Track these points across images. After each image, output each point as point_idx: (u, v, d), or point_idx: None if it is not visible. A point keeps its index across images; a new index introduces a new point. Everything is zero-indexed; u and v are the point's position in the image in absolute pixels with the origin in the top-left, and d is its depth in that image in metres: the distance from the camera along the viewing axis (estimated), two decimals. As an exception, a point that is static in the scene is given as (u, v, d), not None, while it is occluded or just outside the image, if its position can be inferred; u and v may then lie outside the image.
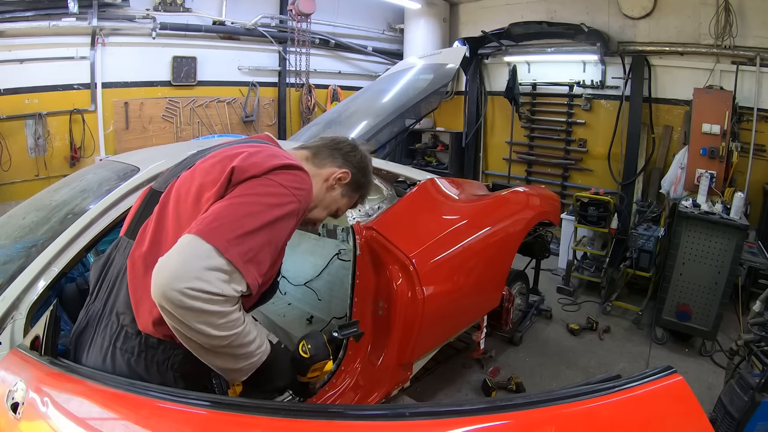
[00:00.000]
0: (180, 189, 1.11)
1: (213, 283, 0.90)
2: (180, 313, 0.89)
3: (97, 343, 1.10)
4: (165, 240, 1.06)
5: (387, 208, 2.28)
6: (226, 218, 0.95)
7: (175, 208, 1.08)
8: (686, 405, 0.87)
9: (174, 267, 0.89)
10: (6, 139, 4.25)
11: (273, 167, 1.05)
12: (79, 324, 1.16)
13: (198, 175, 1.09)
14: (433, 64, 3.55)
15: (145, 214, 1.16)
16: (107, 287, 1.14)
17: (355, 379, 2.10)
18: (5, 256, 1.56)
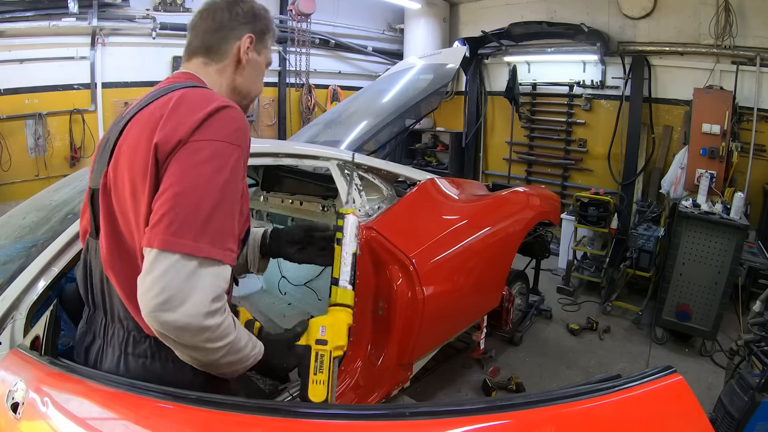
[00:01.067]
0: (114, 181, 0.98)
1: (199, 297, 0.84)
2: (181, 338, 0.86)
3: (108, 354, 1.04)
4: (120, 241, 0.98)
5: (387, 208, 2.28)
6: (180, 213, 0.85)
7: (116, 203, 0.98)
8: (686, 405, 0.87)
9: (157, 292, 0.83)
10: (6, 139, 4.25)
11: (195, 125, 0.91)
12: (85, 338, 1.09)
13: (125, 163, 0.96)
14: (433, 64, 3.55)
15: (94, 211, 1.06)
16: (99, 295, 1.06)
17: (355, 379, 2.10)
18: (5, 256, 1.56)
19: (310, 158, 2.23)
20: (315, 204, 2.68)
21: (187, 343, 0.87)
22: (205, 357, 0.91)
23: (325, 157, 2.25)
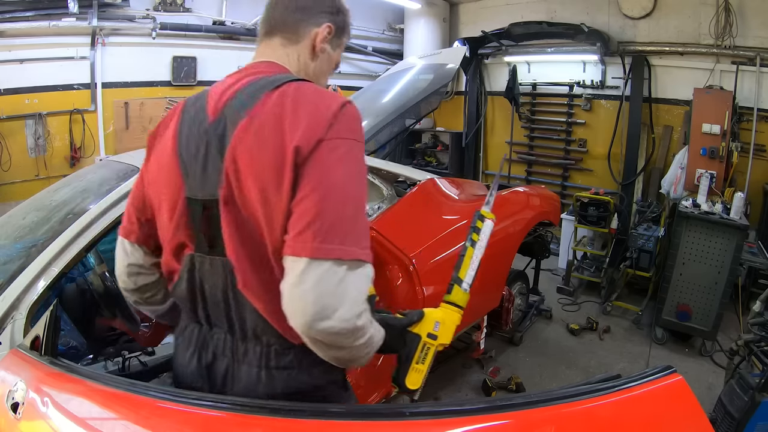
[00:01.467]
0: (238, 191, 0.89)
1: (351, 300, 0.81)
2: (335, 341, 0.83)
3: (242, 372, 0.96)
4: (257, 256, 0.90)
5: (387, 208, 2.28)
6: (326, 219, 0.81)
7: (246, 214, 0.89)
8: (686, 405, 0.87)
9: (313, 302, 0.79)
10: (6, 139, 4.25)
11: (328, 124, 0.85)
12: (200, 358, 1.00)
13: (247, 170, 0.87)
14: (433, 64, 3.55)
15: (200, 225, 0.95)
16: (221, 313, 0.97)
17: (354, 379, 2.10)
18: (5, 256, 1.56)
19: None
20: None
21: (341, 345, 0.84)
22: (350, 354, 0.87)
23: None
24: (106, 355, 2.24)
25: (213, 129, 0.94)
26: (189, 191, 0.96)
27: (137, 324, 2.10)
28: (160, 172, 1.01)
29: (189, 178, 0.96)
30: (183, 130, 0.99)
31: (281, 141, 0.85)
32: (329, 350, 0.85)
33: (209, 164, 0.93)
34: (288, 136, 0.85)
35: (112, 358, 2.22)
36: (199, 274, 0.97)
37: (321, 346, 0.84)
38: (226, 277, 0.93)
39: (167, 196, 0.99)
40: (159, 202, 1.02)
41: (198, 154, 0.95)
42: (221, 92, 0.99)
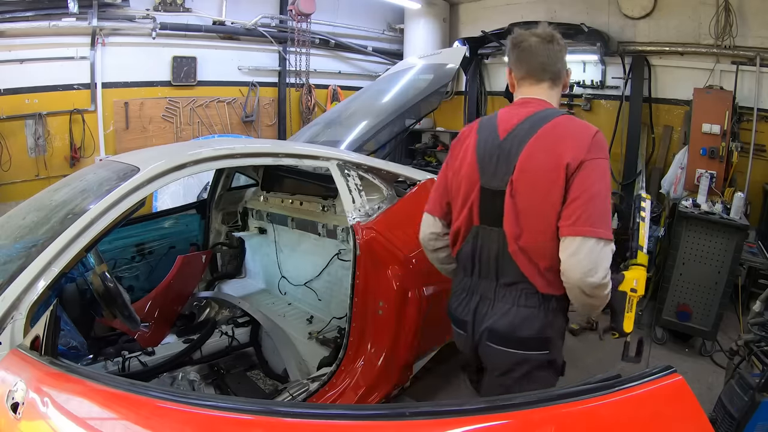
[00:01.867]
0: (523, 186, 1.35)
1: (604, 265, 1.27)
2: (592, 292, 1.28)
3: (498, 307, 1.43)
4: (527, 228, 1.35)
5: (387, 208, 2.28)
6: (593, 212, 1.27)
7: (523, 203, 1.35)
8: (686, 405, 0.88)
9: (585, 266, 1.26)
10: (6, 139, 4.25)
11: (587, 148, 1.30)
12: (468, 300, 1.49)
13: (530, 175, 1.34)
14: (433, 64, 3.55)
15: (488, 207, 1.41)
16: (492, 268, 1.43)
17: (355, 379, 2.10)
18: (5, 256, 1.56)
19: (310, 158, 2.24)
20: (315, 204, 2.68)
21: (595, 294, 1.29)
22: (597, 301, 1.33)
23: (325, 157, 2.25)
24: (106, 355, 2.24)
25: (502, 144, 1.40)
26: (484, 183, 1.41)
27: (137, 324, 2.10)
28: (462, 168, 1.47)
29: (483, 175, 1.42)
30: (480, 142, 1.45)
31: (556, 159, 1.30)
32: (586, 298, 1.31)
33: (499, 167, 1.39)
34: (561, 156, 1.30)
35: (112, 358, 2.22)
36: (480, 241, 1.44)
37: (581, 294, 1.31)
38: (498, 243, 1.40)
39: (465, 185, 1.45)
40: (458, 188, 1.48)
41: (491, 159, 1.41)
42: (507, 120, 1.43)
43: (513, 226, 1.36)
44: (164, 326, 2.57)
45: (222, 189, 3.15)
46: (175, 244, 3.03)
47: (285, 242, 3.05)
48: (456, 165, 1.50)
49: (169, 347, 2.46)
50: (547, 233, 1.33)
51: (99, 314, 2.16)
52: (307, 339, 2.55)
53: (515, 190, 1.35)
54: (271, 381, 2.53)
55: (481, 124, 1.50)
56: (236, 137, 5.32)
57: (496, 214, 1.39)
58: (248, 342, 2.73)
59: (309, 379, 2.18)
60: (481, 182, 1.41)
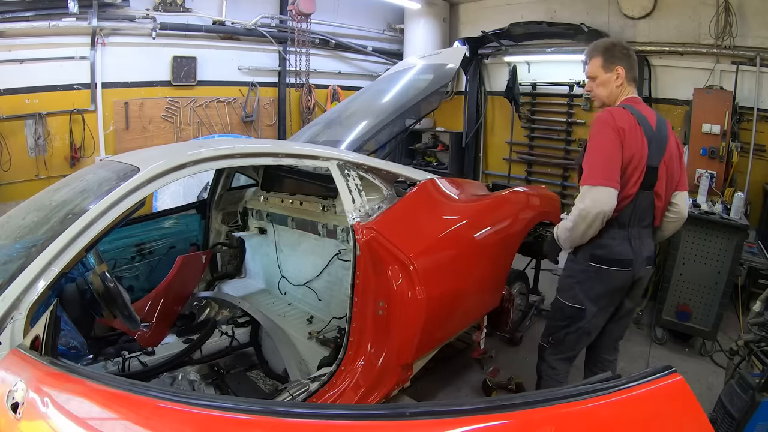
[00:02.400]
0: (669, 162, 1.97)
1: None
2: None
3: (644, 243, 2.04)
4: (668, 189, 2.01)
5: (387, 208, 2.28)
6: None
7: (670, 173, 1.99)
8: (686, 405, 0.88)
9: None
10: (6, 139, 4.25)
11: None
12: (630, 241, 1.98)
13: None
14: (433, 64, 3.55)
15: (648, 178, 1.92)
16: (642, 218, 1.98)
17: (355, 379, 2.10)
18: (5, 256, 1.56)
19: (310, 158, 2.23)
20: (315, 204, 2.68)
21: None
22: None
23: (325, 157, 2.25)
24: (106, 355, 2.24)
25: (656, 133, 1.94)
26: (649, 161, 1.91)
27: (137, 324, 2.10)
28: (639, 151, 1.88)
29: (649, 155, 1.91)
30: (645, 130, 1.91)
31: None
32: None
33: (657, 149, 1.93)
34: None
35: (112, 358, 2.22)
36: (639, 200, 1.94)
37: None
38: (650, 201, 1.97)
39: (641, 162, 1.89)
40: (634, 163, 1.88)
41: (652, 144, 1.92)
42: (649, 116, 1.97)
43: (663, 188, 1.97)
44: (164, 326, 2.57)
45: (222, 189, 3.15)
46: (175, 244, 3.03)
47: (285, 242, 3.05)
48: (633, 148, 1.87)
49: (169, 347, 2.46)
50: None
51: (99, 314, 2.16)
52: (307, 339, 2.55)
53: (664, 164, 1.94)
54: (271, 381, 2.53)
55: (638, 118, 1.92)
56: (236, 137, 5.32)
57: (651, 181, 1.93)
58: (248, 342, 2.72)
59: (309, 379, 2.18)
60: (648, 161, 1.90)
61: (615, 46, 2.00)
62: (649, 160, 1.89)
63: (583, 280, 2.03)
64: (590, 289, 2.02)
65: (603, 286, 2.01)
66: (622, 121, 1.87)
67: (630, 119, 1.89)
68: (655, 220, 2.04)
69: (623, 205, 1.91)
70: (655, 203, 1.97)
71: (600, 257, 1.98)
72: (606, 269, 1.98)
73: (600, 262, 1.98)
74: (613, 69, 1.98)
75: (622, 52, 1.98)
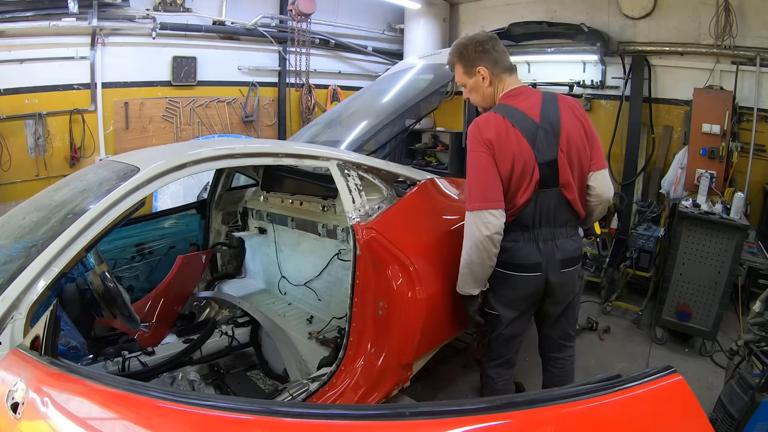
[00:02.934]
0: (568, 150, 1.81)
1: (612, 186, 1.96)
2: (604, 207, 1.97)
3: (559, 242, 1.88)
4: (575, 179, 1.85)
5: (387, 208, 2.28)
6: (603, 154, 1.94)
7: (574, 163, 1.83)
8: (686, 405, 0.88)
9: (610, 186, 1.93)
10: (6, 139, 4.25)
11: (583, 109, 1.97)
12: (537, 244, 1.86)
13: (574, 138, 1.83)
14: (433, 64, 3.55)
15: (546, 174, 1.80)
16: (551, 218, 1.85)
17: (355, 379, 2.10)
18: (5, 256, 1.56)
19: (310, 158, 2.23)
20: (315, 204, 2.68)
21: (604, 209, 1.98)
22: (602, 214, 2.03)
23: (325, 157, 2.25)
24: (106, 355, 2.24)
25: (541, 125, 1.79)
26: (539, 158, 1.77)
27: (137, 324, 2.10)
28: (520, 156, 1.76)
29: (537, 153, 1.77)
30: (522, 130, 1.76)
31: (580, 122, 1.84)
32: (601, 212, 1.99)
33: (546, 143, 1.78)
34: (581, 119, 1.85)
35: (112, 358, 2.22)
36: (539, 200, 1.81)
37: (601, 210, 1.97)
38: (556, 198, 1.82)
39: (528, 164, 1.76)
40: (517, 170, 1.76)
41: (538, 140, 1.77)
42: (529, 108, 1.81)
43: (568, 180, 1.81)
44: (164, 326, 2.57)
45: (222, 189, 3.15)
46: (175, 244, 3.03)
47: (285, 242, 3.05)
48: (510, 156, 1.76)
49: (169, 347, 2.46)
50: (585, 178, 1.88)
51: (99, 314, 2.16)
52: (307, 339, 2.55)
53: (563, 155, 1.79)
54: (271, 381, 2.53)
55: (507, 116, 1.79)
56: (236, 137, 5.32)
57: (550, 177, 1.79)
58: (248, 342, 2.73)
59: (309, 379, 2.18)
60: (537, 159, 1.77)
61: (467, 47, 1.84)
62: (539, 157, 1.75)
63: (495, 286, 1.96)
64: (502, 295, 1.95)
65: (513, 292, 1.93)
66: (489, 132, 1.76)
67: (498, 125, 1.76)
68: (579, 214, 1.90)
69: (518, 208, 1.81)
70: (566, 198, 1.82)
71: (503, 262, 1.88)
72: (512, 274, 1.89)
73: (504, 267, 1.89)
74: (475, 72, 1.85)
75: (477, 49, 1.82)
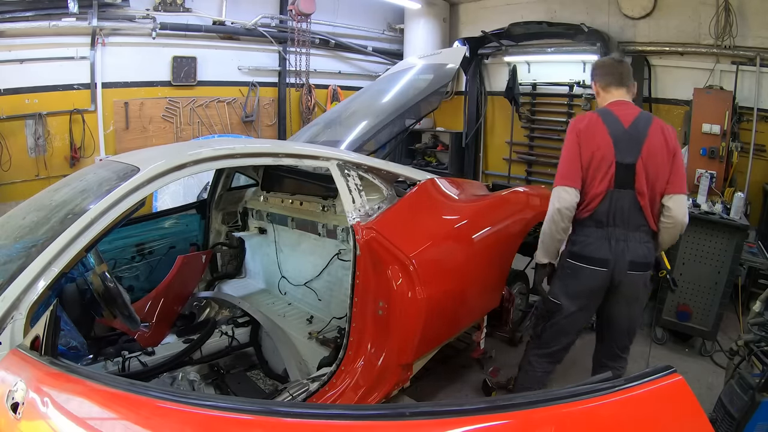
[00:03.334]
0: (646, 160, 1.96)
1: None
2: (681, 229, 2.04)
3: (630, 245, 2.01)
4: (649, 189, 1.98)
5: (387, 208, 2.28)
6: (685, 178, 2.03)
7: (649, 171, 1.97)
8: (686, 405, 0.88)
9: (686, 211, 2.00)
10: (6, 139, 4.25)
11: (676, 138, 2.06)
12: (609, 243, 2.02)
13: (654, 152, 1.97)
14: (433, 64, 3.55)
15: (622, 176, 1.97)
16: (626, 218, 2.00)
17: (355, 379, 2.10)
18: (5, 256, 1.56)
19: (310, 158, 2.24)
20: (315, 204, 2.68)
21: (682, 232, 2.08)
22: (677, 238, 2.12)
23: (325, 157, 2.25)
24: (106, 355, 2.24)
25: (628, 131, 1.99)
26: (618, 157, 1.97)
27: (137, 324, 2.10)
28: (600, 149, 1.98)
29: (618, 152, 1.97)
30: (609, 129, 2.00)
31: (666, 143, 1.99)
32: (672, 238, 2.08)
33: (629, 147, 1.97)
34: (669, 141, 2.00)
35: (112, 358, 2.22)
36: (615, 199, 1.99)
37: (673, 236, 2.06)
38: (630, 200, 1.99)
39: (606, 158, 1.97)
40: (596, 160, 1.99)
41: (622, 141, 1.98)
42: (623, 115, 2.02)
43: (642, 187, 1.97)
44: (164, 326, 2.57)
45: (222, 189, 3.15)
46: (175, 244, 3.03)
47: (285, 242, 3.05)
48: (593, 145, 1.99)
49: (169, 347, 2.46)
50: (658, 193, 2.00)
51: (99, 314, 2.16)
52: (307, 339, 2.55)
53: (642, 163, 1.95)
54: (271, 381, 2.53)
55: (602, 116, 2.04)
56: (236, 137, 5.32)
57: (627, 180, 1.97)
58: (248, 342, 2.72)
59: (309, 379, 2.18)
60: (617, 158, 1.96)
61: (593, 68, 2.29)
62: (618, 156, 1.96)
63: (562, 276, 2.16)
64: (567, 285, 2.14)
65: (578, 284, 2.11)
66: (581, 123, 2.08)
67: (591, 120, 2.05)
68: (649, 223, 2.02)
69: (595, 203, 2.01)
70: (639, 203, 1.98)
71: (574, 254, 2.10)
72: (580, 267, 2.08)
73: (574, 258, 2.10)
74: (592, 84, 2.26)
75: (595, 71, 2.24)
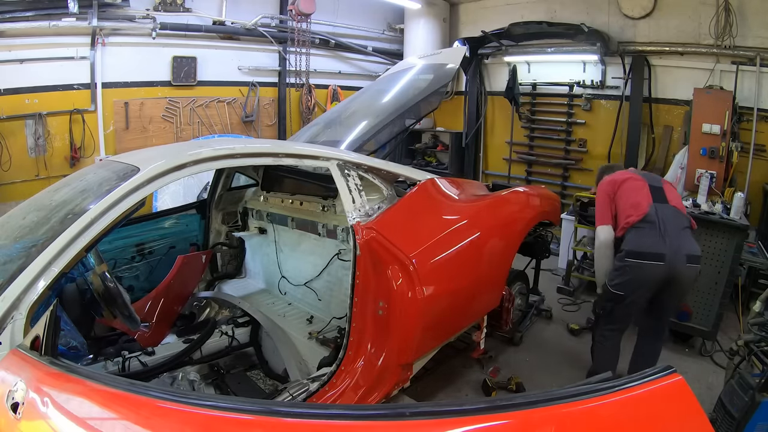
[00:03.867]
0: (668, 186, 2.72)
1: None
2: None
3: (679, 239, 2.46)
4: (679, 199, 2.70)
5: (387, 208, 2.28)
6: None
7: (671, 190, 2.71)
8: (686, 405, 0.88)
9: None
10: (6, 139, 4.25)
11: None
12: (662, 239, 2.46)
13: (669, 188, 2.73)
14: (433, 64, 3.55)
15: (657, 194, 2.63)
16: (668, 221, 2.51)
17: (355, 379, 2.10)
18: (5, 256, 1.56)
19: (310, 158, 2.24)
20: (315, 204, 2.68)
21: None
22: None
23: (325, 157, 2.25)
24: (106, 355, 2.24)
25: (647, 175, 2.79)
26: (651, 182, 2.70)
27: (137, 324, 2.10)
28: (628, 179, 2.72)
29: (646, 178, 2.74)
30: (632, 172, 2.83)
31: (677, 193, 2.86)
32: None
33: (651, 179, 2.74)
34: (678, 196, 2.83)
35: (112, 358, 2.22)
36: (659, 209, 2.55)
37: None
38: (672, 210, 2.57)
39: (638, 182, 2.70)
40: (634, 186, 2.68)
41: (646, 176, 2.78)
42: (635, 175, 2.78)
43: (674, 200, 2.64)
44: (164, 326, 2.57)
45: (222, 189, 3.15)
46: (175, 244, 3.03)
47: (285, 242, 3.05)
48: (628, 179, 2.72)
49: (169, 347, 2.46)
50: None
51: (99, 314, 2.16)
52: (307, 339, 2.55)
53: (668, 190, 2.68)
54: (271, 381, 2.53)
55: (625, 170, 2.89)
56: (236, 137, 5.32)
57: (661, 196, 2.62)
58: (248, 342, 2.73)
59: (309, 379, 2.18)
60: (650, 183, 2.68)
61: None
62: (650, 181, 2.70)
63: (622, 272, 2.53)
64: (626, 279, 2.52)
65: (636, 278, 2.50)
66: (616, 175, 2.80)
67: (617, 172, 2.86)
68: (692, 224, 2.59)
69: (643, 210, 2.54)
70: (680, 210, 2.59)
71: (630, 252, 2.51)
72: (639, 262, 2.47)
73: (632, 256, 2.49)
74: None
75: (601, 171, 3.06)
